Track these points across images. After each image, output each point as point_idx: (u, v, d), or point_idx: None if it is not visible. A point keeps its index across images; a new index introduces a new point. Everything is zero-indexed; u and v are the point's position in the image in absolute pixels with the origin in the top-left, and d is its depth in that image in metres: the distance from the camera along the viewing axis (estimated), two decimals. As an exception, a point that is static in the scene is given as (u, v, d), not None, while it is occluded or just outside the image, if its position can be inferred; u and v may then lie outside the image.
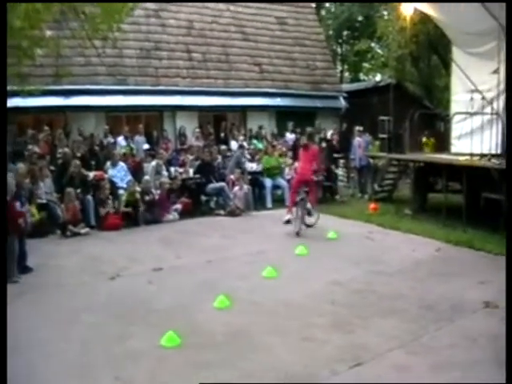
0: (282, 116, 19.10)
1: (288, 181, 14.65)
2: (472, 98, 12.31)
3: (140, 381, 4.89)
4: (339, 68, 33.35)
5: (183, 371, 5.04)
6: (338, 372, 4.96)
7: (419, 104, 20.05)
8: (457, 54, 15.00)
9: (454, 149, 14.45)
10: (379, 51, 28.06)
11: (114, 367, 5.13)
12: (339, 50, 34.91)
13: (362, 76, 35.30)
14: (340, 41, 34.34)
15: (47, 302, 7.04)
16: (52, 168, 12.26)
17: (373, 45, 28.85)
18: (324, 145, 17.00)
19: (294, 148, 16.87)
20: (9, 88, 11.36)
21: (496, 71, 12.45)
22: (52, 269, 8.61)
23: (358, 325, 6.06)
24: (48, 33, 12.48)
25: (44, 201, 11.17)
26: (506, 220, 7.26)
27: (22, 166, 10.13)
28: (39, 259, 8.77)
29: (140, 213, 11.85)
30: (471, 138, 12.01)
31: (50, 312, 6.66)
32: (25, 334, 5.98)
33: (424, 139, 15.46)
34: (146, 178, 12.60)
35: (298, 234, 10.57)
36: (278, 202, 14.40)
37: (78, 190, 11.53)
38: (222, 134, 17.01)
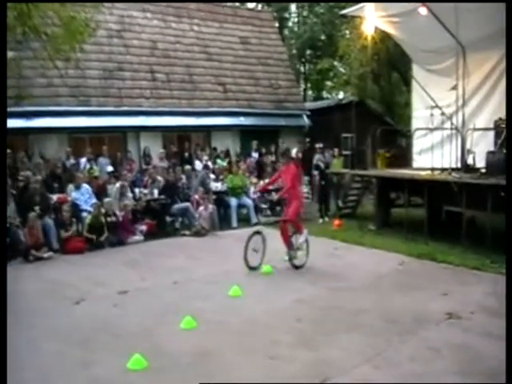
0: (246, 135, 19.23)
1: (253, 200, 14.74)
2: (432, 114, 12.60)
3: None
4: (302, 86, 33.72)
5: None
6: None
7: (381, 121, 20.43)
8: (417, 71, 15.42)
9: (415, 164, 14.77)
10: (341, 69, 28.51)
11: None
12: (302, 68, 35.34)
13: (324, 94, 35.76)
14: (303, 60, 34.78)
15: (9, 329, 6.88)
16: (13, 192, 12.07)
17: (335, 63, 29.32)
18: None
19: (258, 166, 17.03)
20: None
21: (454, 87, 12.84)
22: (13, 295, 8.36)
23: (323, 341, 6.11)
24: (9, 54, 12.36)
25: (6, 225, 10.98)
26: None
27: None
28: None
29: (104, 235, 11.73)
30: (432, 153, 12.30)
31: (12, 339, 6.52)
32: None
33: (380, 153, 15.62)
34: (108, 199, 12.47)
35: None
36: (244, 221, 14.45)
37: (38, 213, 11.36)
38: (186, 154, 17.01)
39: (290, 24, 35.69)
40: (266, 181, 11.12)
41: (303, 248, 9.74)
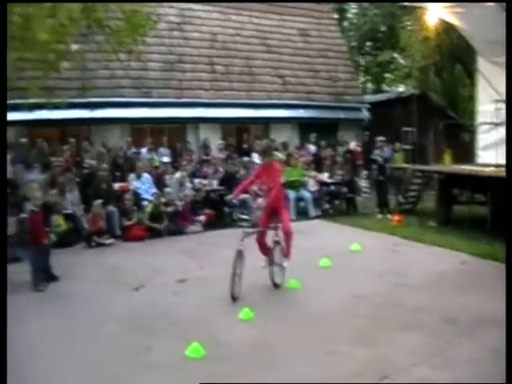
0: (305, 128, 19.08)
1: (311, 193, 14.64)
2: (497, 108, 12.14)
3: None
4: (362, 79, 33.25)
5: (207, 381, 5.05)
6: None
7: (443, 114, 19.91)
8: (481, 63, 14.89)
9: (479, 160, 14.32)
10: (402, 62, 27.95)
11: (136, 378, 5.15)
12: (362, 61, 34.79)
13: (384, 87, 35.15)
14: (363, 52, 34.21)
15: (69, 312, 7.12)
16: (78, 179, 12.41)
17: (396, 55, 28.75)
18: (348, 156, 17.01)
19: (317, 159, 16.90)
20: (35, 101, 11.64)
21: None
22: (76, 279, 8.72)
23: (381, 338, 6.00)
24: (74, 46, 12.66)
25: (70, 211, 11.33)
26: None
27: (46, 177, 10.25)
28: (64, 269, 8.91)
29: (164, 224, 11.95)
30: (497, 149, 11.88)
31: (72, 322, 6.73)
32: (46, 342, 6.08)
33: (445, 151, 15.27)
34: (169, 189, 12.70)
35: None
36: (302, 213, 14.39)
37: (102, 201, 11.65)
38: (245, 146, 17.06)
39: (350, 15, 35.14)
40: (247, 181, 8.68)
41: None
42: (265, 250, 8.06)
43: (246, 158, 15.28)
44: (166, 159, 14.96)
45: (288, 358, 5.53)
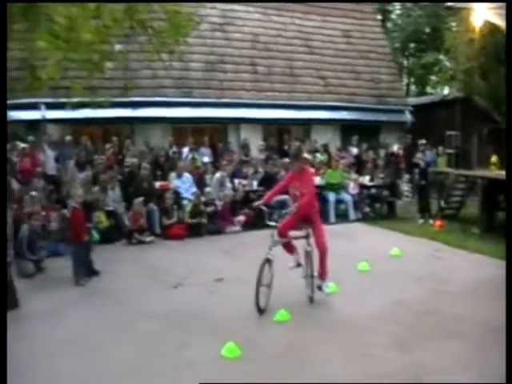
0: (347, 130, 18.91)
1: (352, 196, 14.51)
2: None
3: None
4: (405, 81, 32.80)
5: (242, 382, 5.05)
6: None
7: (488, 118, 19.42)
8: (527, 65, 14.47)
9: (525, 165, 13.91)
10: (447, 64, 27.44)
11: (171, 376, 5.19)
12: (405, 62, 34.34)
13: (429, 89, 34.60)
14: (406, 53, 33.77)
15: (109, 307, 7.24)
16: (119, 177, 12.60)
17: (440, 57, 28.26)
18: (390, 159, 16.80)
19: (358, 162, 16.74)
20: (79, 100, 11.85)
21: None
22: (116, 275, 8.88)
23: (418, 345, 5.89)
24: (117, 47, 12.83)
25: (112, 209, 11.51)
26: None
27: (88, 174, 10.41)
28: (105, 265, 9.10)
29: (204, 224, 12.02)
30: (543, 155, 11.52)
31: (110, 316, 6.83)
32: (84, 336, 6.20)
33: (493, 158, 14.83)
34: (209, 189, 12.77)
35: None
36: (342, 216, 14.27)
37: (143, 199, 11.80)
38: (286, 147, 17.01)
39: (394, 16, 34.69)
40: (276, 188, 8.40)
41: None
42: (289, 249, 7.66)
43: (286, 160, 15.21)
44: (206, 159, 15.05)
45: (322, 361, 5.51)
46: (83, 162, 12.66)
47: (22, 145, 13.57)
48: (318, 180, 14.69)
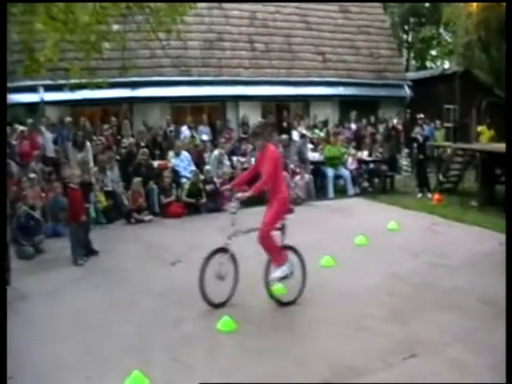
0: (345, 105, 18.89)
1: (351, 171, 14.55)
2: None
3: (196, 363, 5.04)
4: (405, 56, 32.57)
5: (238, 356, 5.18)
6: (391, 364, 4.93)
7: (489, 92, 19.37)
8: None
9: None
10: (446, 38, 27.24)
11: (170, 350, 5.31)
12: (405, 37, 34.07)
13: (429, 64, 34.37)
14: (406, 28, 33.50)
15: (108, 286, 7.37)
16: (117, 158, 12.67)
17: (440, 31, 28.04)
18: (390, 133, 16.79)
19: (357, 137, 16.75)
20: (77, 81, 11.87)
21: None
22: (115, 254, 8.99)
23: (414, 317, 5.99)
24: (115, 27, 12.79)
25: (110, 189, 11.59)
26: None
27: (85, 155, 10.45)
28: (104, 244, 9.23)
29: (202, 202, 12.10)
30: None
31: (111, 295, 6.95)
32: (84, 315, 6.30)
33: (479, 128, 14.75)
34: (208, 167, 12.83)
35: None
36: (340, 191, 14.35)
37: (141, 179, 11.87)
38: (285, 124, 17.02)
39: (393, -10, 34.38)
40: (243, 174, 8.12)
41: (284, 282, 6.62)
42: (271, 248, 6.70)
43: (284, 136, 15.23)
44: (205, 137, 15.08)
45: (319, 334, 5.60)
46: (81, 142, 12.69)
47: (21, 127, 13.61)
48: (316, 156, 14.78)
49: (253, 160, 13.95)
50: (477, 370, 4.82)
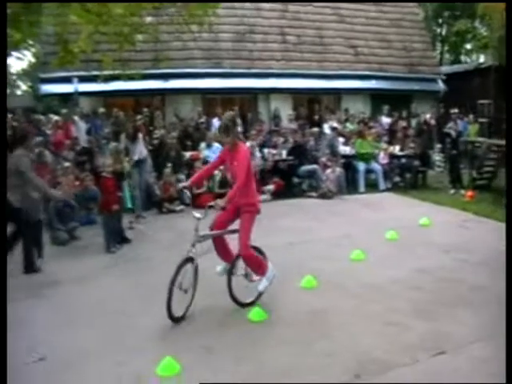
0: (377, 99, 18.75)
1: (382, 165, 14.45)
2: None
3: (226, 351, 5.09)
4: (439, 49, 32.09)
5: (267, 345, 5.21)
6: (419, 360, 4.90)
7: (525, 87, 18.98)
8: None
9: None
10: (481, 31, 26.74)
11: (200, 338, 5.36)
12: (439, 30, 33.53)
13: (463, 57, 33.80)
14: (440, 21, 32.97)
15: (139, 273, 7.48)
16: (150, 148, 12.80)
17: (475, 24, 27.53)
18: (422, 128, 16.60)
19: (389, 132, 16.62)
20: (111, 72, 12.02)
21: None
22: (147, 243, 9.12)
23: (441, 313, 5.93)
24: (147, 19, 12.92)
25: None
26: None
27: (115, 145, 10.54)
28: (136, 233, 9.34)
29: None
30: None
31: (141, 282, 7.05)
32: (114, 301, 6.42)
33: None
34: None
35: None
36: (371, 186, 14.27)
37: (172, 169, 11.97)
38: (316, 117, 16.97)
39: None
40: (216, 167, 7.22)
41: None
42: (222, 251, 6.25)
43: (315, 129, 15.18)
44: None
45: (346, 327, 5.60)
46: (115, 132, 12.86)
47: (56, 117, 13.86)
48: (347, 149, 14.71)
49: (283, 152, 14.04)
50: (502, 368, 4.77)
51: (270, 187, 12.96)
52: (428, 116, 17.55)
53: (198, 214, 5.85)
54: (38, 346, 5.17)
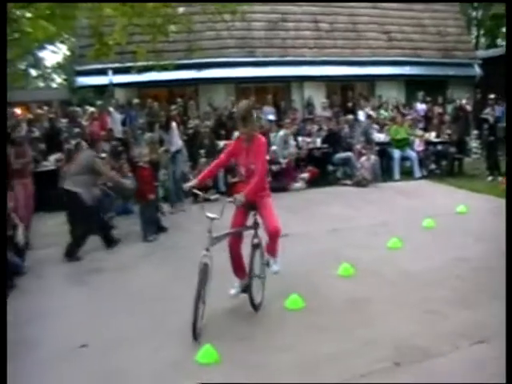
0: (412, 85, 18.47)
1: (417, 152, 14.26)
2: None
3: (262, 339, 5.12)
4: (474, 33, 31.42)
5: (305, 332, 5.22)
6: (459, 348, 4.84)
7: None
8: None
9: None
10: (520, 14, 26.04)
11: (237, 326, 5.39)
12: (474, 14, 32.81)
13: (500, 41, 33.01)
14: (475, 4, 32.24)
15: (175, 261, 7.58)
16: (184, 138, 12.89)
17: (512, 7, 26.83)
18: (458, 114, 16.31)
19: (425, 118, 16.39)
20: (144, 63, 12.13)
21: None
22: (182, 231, 9.20)
23: (480, 303, 5.83)
24: (180, 9, 12.97)
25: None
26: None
27: (151, 135, 10.65)
28: (172, 222, 9.52)
29: (268, 181, 12.18)
30: None
31: (178, 270, 7.12)
32: (152, 289, 6.54)
33: None
34: (274, 148, 12.88)
35: None
36: (406, 174, 14.11)
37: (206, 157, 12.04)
38: (350, 104, 16.83)
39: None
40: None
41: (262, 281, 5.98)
42: (238, 265, 5.88)
43: (350, 116, 15.05)
44: (270, 117, 15.11)
45: (385, 315, 5.56)
46: (149, 123, 13.00)
47: (91, 109, 14.05)
48: (382, 137, 14.58)
49: (318, 140, 13.99)
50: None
51: (305, 175, 12.94)
52: (464, 101, 17.23)
53: (211, 214, 5.38)
54: (80, 333, 5.28)
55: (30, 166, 9.12)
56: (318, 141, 14.00)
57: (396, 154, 14.00)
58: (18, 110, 16.47)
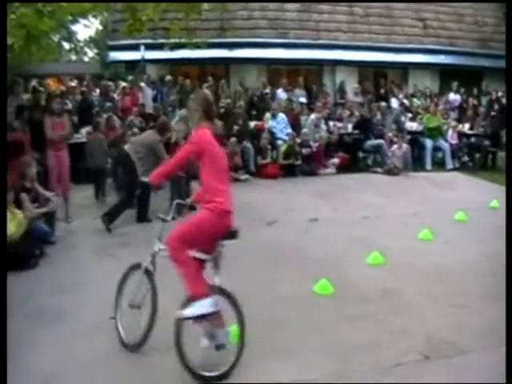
0: (446, 75, 18.10)
1: (451, 144, 14.00)
2: None
3: (293, 323, 5.06)
4: (512, 25, 30.72)
5: (334, 319, 5.17)
6: (491, 345, 4.71)
7: None
8: None
9: None
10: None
11: (267, 309, 5.31)
12: (514, 5, 32.06)
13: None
14: (515, -5, 31.53)
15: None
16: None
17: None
18: (494, 107, 15.98)
19: (459, 109, 16.09)
20: (177, 41, 12.07)
21: None
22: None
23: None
24: (214, -12, 12.87)
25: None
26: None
27: (184, 111, 10.61)
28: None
29: (298, 165, 12.13)
30: None
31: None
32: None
33: None
34: (305, 130, 12.78)
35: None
36: (438, 164, 13.86)
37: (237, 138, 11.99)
38: (382, 91, 16.56)
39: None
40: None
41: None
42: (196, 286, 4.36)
43: (383, 103, 14.80)
44: (302, 99, 14.96)
45: (415, 307, 5.49)
46: (180, 100, 12.97)
47: (123, 84, 14.05)
48: (414, 125, 14.36)
49: (349, 126, 13.82)
50: None
51: (335, 160, 12.81)
52: (500, 94, 16.87)
53: (164, 216, 4.67)
54: (109, 304, 5.27)
55: (67, 138, 9.09)
56: (350, 126, 13.82)
57: (428, 143, 13.74)
58: (50, 82, 16.56)
